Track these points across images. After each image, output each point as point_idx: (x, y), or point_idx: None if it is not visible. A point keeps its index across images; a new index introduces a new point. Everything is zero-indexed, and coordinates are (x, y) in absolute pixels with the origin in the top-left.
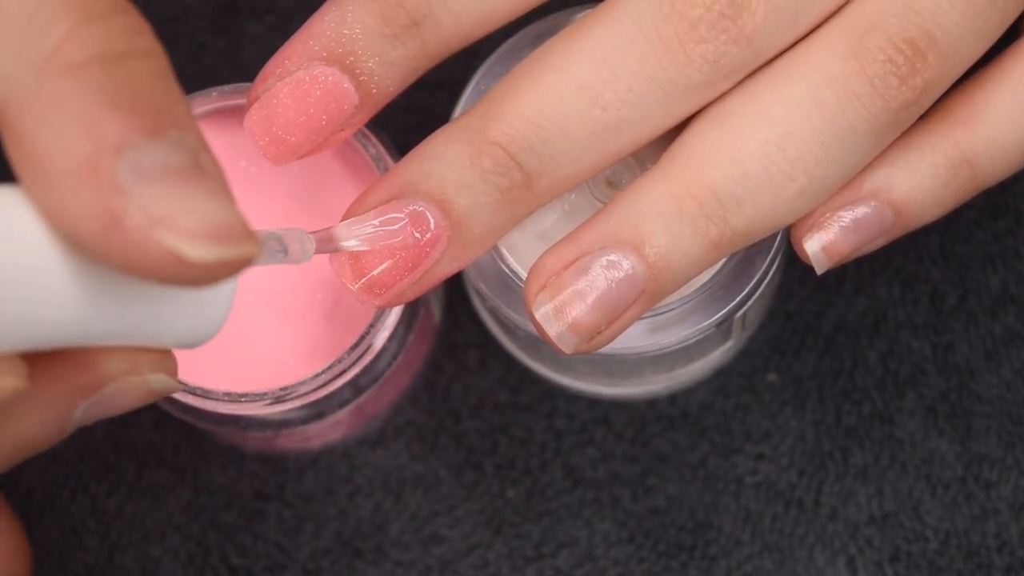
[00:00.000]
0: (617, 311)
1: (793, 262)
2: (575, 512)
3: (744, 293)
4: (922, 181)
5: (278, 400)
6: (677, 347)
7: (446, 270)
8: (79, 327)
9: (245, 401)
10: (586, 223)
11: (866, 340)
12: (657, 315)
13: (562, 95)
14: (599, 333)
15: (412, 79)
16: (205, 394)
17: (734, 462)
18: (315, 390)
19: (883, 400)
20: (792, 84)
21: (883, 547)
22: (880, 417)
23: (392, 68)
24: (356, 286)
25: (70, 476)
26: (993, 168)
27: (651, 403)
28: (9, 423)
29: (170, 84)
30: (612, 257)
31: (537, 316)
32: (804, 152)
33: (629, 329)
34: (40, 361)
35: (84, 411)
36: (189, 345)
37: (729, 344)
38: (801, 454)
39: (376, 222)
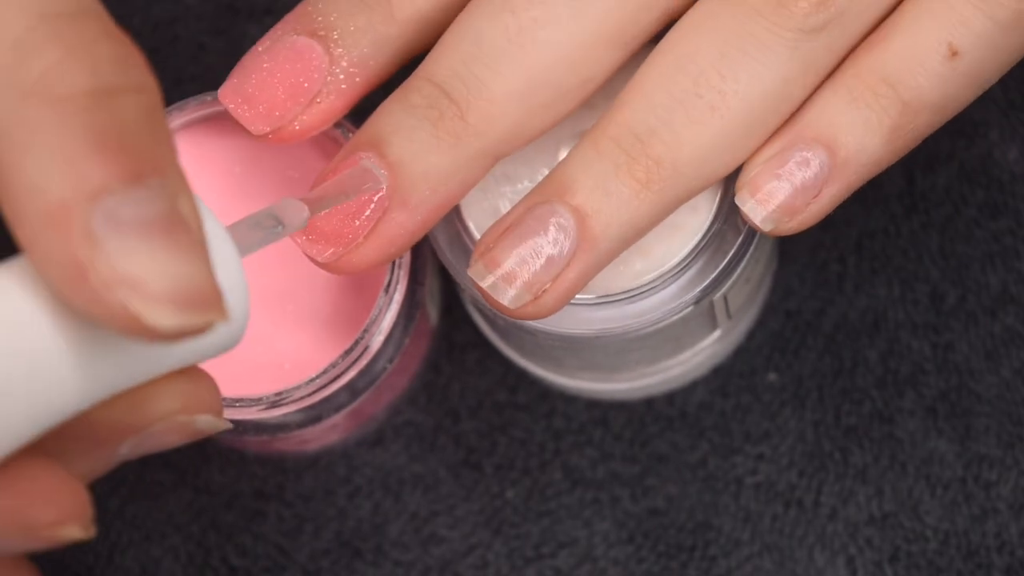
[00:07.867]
0: (557, 264)
1: (791, 260)
2: (574, 512)
3: (719, 270)
4: (840, 108)
5: (273, 405)
6: (657, 327)
7: (399, 221)
8: (94, 389)
9: (240, 406)
10: None
11: (866, 340)
12: (634, 293)
13: (472, 11)
14: (544, 291)
15: (389, 52)
16: None
17: (734, 462)
18: (311, 394)
19: (883, 400)
20: (690, 15)
21: (883, 547)
22: (880, 417)
23: (360, 34)
24: (304, 239)
25: None
26: (916, 83)
27: (649, 403)
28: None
29: (157, 122)
30: (541, 211)
31: (477, 280)
32: (705, 67)
33: (607, 310)
34: None
35: (130, 448)
36: (224, 351)
37: (717, 334)
38: (801, 454)
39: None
